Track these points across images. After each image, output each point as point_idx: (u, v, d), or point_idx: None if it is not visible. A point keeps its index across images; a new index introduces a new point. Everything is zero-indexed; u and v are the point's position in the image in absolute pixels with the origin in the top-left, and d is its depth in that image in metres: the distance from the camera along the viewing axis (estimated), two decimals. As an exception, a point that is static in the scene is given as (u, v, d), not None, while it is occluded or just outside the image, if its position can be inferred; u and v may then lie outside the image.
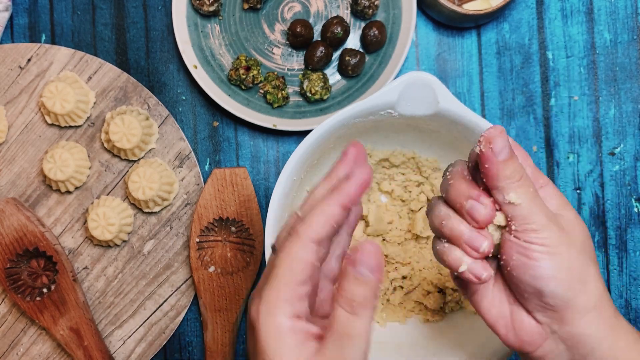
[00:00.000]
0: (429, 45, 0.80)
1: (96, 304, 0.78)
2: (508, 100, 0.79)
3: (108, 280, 0.78)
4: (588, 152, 0.79)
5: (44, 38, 0.81)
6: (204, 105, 0.80)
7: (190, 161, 0.78)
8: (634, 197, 0.79)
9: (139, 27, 0.80)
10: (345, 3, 0.79)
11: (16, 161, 0.78)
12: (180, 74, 0.80)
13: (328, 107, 0.78)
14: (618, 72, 0.79)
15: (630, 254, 0.79)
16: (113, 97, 0.78)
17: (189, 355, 0.80)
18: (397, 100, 0.63)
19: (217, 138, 0.80)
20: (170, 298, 0.78)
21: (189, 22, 0.78)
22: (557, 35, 0.80)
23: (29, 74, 0.78)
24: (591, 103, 0.79)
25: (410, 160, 0.76)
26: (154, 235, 0.78)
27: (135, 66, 0.80)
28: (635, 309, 0.79)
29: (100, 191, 0.78)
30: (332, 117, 0.64)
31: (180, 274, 0.78)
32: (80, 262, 0.78)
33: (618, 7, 0.80)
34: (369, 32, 0.77)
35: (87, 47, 0.80)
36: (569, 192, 0.79)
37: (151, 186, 0.74)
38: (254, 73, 0.77)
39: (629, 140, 0.79)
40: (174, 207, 0.78)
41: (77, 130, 0.78)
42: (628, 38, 0.79)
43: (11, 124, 0.78)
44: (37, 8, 0.80)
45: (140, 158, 0.77)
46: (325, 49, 0.77)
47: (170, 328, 0.78)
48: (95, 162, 0.78)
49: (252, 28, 0.80)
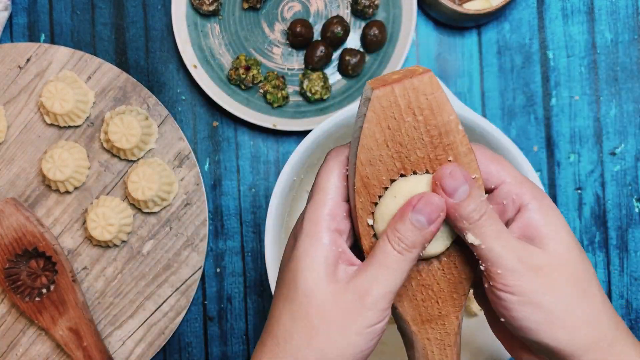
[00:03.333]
0: (430, 45, 0.80)
1: (95, 304, 0.78)
2: (509, 100, 0.79)
3: (107, 280, 0.78)
4: (589, 152, 0.79)
5: (43, 38, 0.80)
6: (204, 105, 0.80)
7: (189, 161, 0.78)
8: (635, 197, 0.79)
9: (139, 27, 0.80)
10: (345, 3, 0.79)
11: (15, 161, 0.78)
12: (179, 74, 0.80)
13: (328, 107, 0.78)
14: (619, 72, 0.79)
15: (631, 254, 0.79)
16: (112, 96, 0.78)
17: (188, 355, 0.79)
18: (398, 100, 0.63)
19: (216, 138, 0.80)
20: (170, 298, 0.78)
21: (188, 21, 0.78)
22: (557, 34, 0.79)
23: (28, 73, 0.78)
24: (592, 103, 0.79)
25: (411, 160, 0.75)
26: (153, 235, 0.78)
27: (135, 66, 0.80)
28: (636, 310, 0.79)
29: (100, 191, 0.78)
30: (332, 117, 0.64)
31: (179, 275, 0.78)
32: (80, 262, 0.78)
33: (619, 7, 0.79)
34: (369, 31, 0.77)
35: (86, 47, 0.80)
36: (570, 192, 0.79)
37: (150, 186, 0.74)
38: (253, 73, 0.77)
39: (630, 140, 0.79)
40: (174, 207, 0.78)
41: (77, 130, 0.78)
42: (629, 38, 0.79)
43: (10, 124, 0.78)
44: (36, 7, 0.80)
45: (139, 158, 0.77)
46: (325, 49, 0.77)
47: (170, 329, 0.78)
48: (94, 162, 0.78)
49: (252, 28, 0.79)
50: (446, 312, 0.44)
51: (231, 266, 0.80)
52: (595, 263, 0.79)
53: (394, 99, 0.40)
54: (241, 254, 0.80)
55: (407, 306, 0.44)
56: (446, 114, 0.41)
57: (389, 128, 0.41)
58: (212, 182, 0.80)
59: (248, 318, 0.80)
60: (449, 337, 0.45)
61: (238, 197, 0.80)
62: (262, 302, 0.80)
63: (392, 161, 0.42)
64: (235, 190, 0.80)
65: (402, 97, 0.40)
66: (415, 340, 0.45)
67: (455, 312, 0.45)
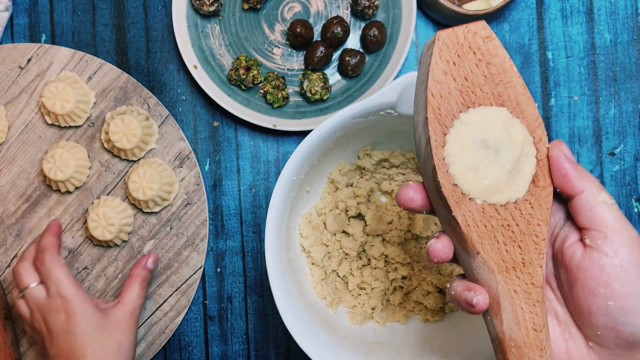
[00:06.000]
0: (429, 46, 0.80)
1: (96, 304, 0.78)
2: (508, 101, 0.79)
3: (108, 280, 0.78)
4: (588, 152, 0.79)
5: (44, 38, 0.81)
6: (204, 105, 0.80)
7: (190, 161, 0.78)
8: (634, 197, 0.79)
9: (139, 27, 0.80)
10: (345, 3, 0.79)
11: (16, 161, 0.78)
12: (180, 74, 0.80)
13: (328, 107, 0.78)
14: (618, 72, 0.79)
15: (630, 254, 0.79)
16: (113, 97, 0.78)
17: (188, 355, 0.80)
18: (397, 100, 0.63)
19: (217, 138, 0.80)
20: (170, 298, 0.78)
21: (189, 22, 0.78)
22: (557, 35, 0.80)
23: (29, 74, 0.78)
24: (591, 103, 0.79)
25: (410, 160, 0.76)
26: (154, 235, 0.78)
27: (136, 66, 0.80)
28: (635, 309, 0.79)
29: (100, 191, 0.78)
30: (332, 117, 0.64)
31: (180, 274, 0.78)
32: (80, 262, 0.78)
33: (618, 7, 0.80)
34: (369, 32, 0.77)
35: (87, 47, 0.80)
36: (569, 192, 0.79)
37: (151, 186, 0.74)
38: (254, 73, 0.77)
39: (629, 140, 0.79)
40: (174, 207, 0.78)
41: (77, 131, 0.78)
42: (628, 38, 0.79)
43: (11, 124, 0.78)
44: (37, 8, 0.80)
45: (140, 158, 0.77)
46: (325, 49, 0.77)
47: (170, 328, 0.78)
48: (95, 162, 0.78)
49: (252, 28, 0.80)
50: (529, 260, 0.45)
51: (231, 266, 0.80)
52: (595, 263, 0.79)
53: (456, 39, 0.45)
54: (241, 254, 0.80)
55: (489, 249, 0.45)
56: (501, 55, 0.45)
57: (454, 64, 0.45)
58: (212, 182, 0.80)
59: (248, 318, 0.80)
60: (536, 291, 0.45)
61: (238, 197, 0.80)
62: (262, 302, 0.80)
63: (459, 95, 0.45)
64: (235, 190, 0.80)
65: (463, 37, 0.45)
66: (503, 296, 0.45)
67: (538, 260, 0.45)
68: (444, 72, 0.45)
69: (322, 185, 0.77)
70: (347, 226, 0.76)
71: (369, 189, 0.76)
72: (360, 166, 0.76)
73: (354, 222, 0.76)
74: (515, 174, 0.45)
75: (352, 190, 0.76)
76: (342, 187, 0.76)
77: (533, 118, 0.45)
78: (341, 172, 0.76)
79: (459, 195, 0.45)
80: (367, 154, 0.75)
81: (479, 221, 0.45)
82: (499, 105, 0.45)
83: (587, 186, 0.43)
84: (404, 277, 0.75)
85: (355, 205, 0.75)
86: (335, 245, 0.76)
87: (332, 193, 0.77)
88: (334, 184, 0.76)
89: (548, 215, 0.45)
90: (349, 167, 0.76)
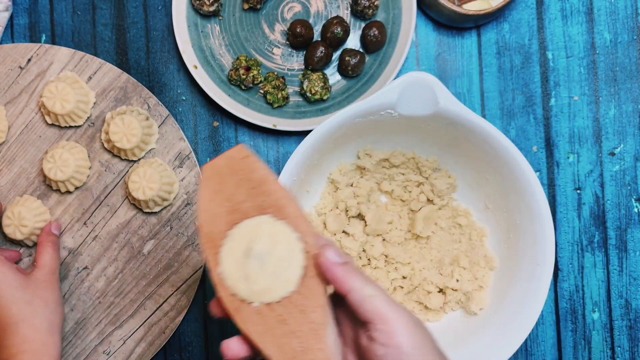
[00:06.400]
0: (429, 46, 0.80)
1: (96, 304, 0.78)
2: (508, 100, 0.79)
3: (108, 280, 0.78)
4: (588, 152, 0.79)
5: (44, 38, 0.81)
6: (204, 105, 0.80)
7: (190, 161, 0.78)
8: (634, 197, 0.79)
9: (139, 27, 0.80)
10: (345, 3, 0.79)
11: (16, 161, 0.78)
12: (180, 74, 0.80)
13: (328, 107, 0.78)
14: (618, 72, 0.79)
15: (630, 254, 0.79)
16: (113, 97, 0.78)
17: (188, 355, 0.80)
18: (397, 100, 0.63)
19: (217, 138, 0.80)
20: (171, 298, 0.78)
21: (189, 22, 0.78)
22: (557, 35, 0.80)
23: (29, 74, 0.78)
24: (591, 103, 0.79)
25: (410, 160, 0.76)
26: (154, 235, 0.78)
27: (136, 66, 0.80)
28: (635, 309, 0.79)
29: (100, 191, 0.78)
30: (332, 117, 0.64)
31: (180, 274, 0.78)
32: (81, 262, 0.78)
33: (618, 7, 0.80)
34: (369, 32, 0.77)
35: (87, 47, 0.80)
36: (569, 192, 0.79)
37: (151, 186, 0.74)
38: (254, 73, 0.77)
39: (629, 140, 0.79)
40: (174, 207, 0.78)
41: (77, 131, 0.78)
42: (628, 38, 0.79)
43: (11, 124, 0.78)
44: (37, 8, 0.81)
45: (140, 158, 0.77)
46: (325, 49, 0.77)
47: (171, 328, 0.78)
48: (95, 162, 0.78)
49: (252, 28, 0.80)
50: (308, 346, 0.48)
51: (231, 266, 0.80)
52: (595, 263, 0.79)
53: (218, 168, 0.52)
54: (241, 254, 0.80)
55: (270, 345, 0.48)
56: (260, 168, 0.51)
57: (218, 191, 0.51)
58: (212, 182, 0.80)
59: (248, 318, 0.80)
60: None
61: (238, 197, 0.80)
62: (263, 302, 0.80)
63: (226, 215, 0.51)
64: (235, 190, 0.80)
65: (224, 164, 0.52)
66: None
67: (318, 344, 0.48)
68: (210, 200, 0.51)
69: (322, 185, 0.77)
70: (347, 226, 0.76)
71: (369, 189, 0.76)
72: (360, 166, 0.76)
73: (354, 222, 0.76)
74: (281, 272, 0.49)
75: (352, 190, 0.76)
76: (342, 187, 0.76)
77: (295, 215, 0.50)
78: (341, 172, 0.76)
79: (238, 302, 0.49)
80: (367, 154, 0.75)
81: (257, 322, 0.48)
82: (262, 214, 0.50)
83: (353, 284, 0.47)
84: (404, 277, 0.76)
85: (355, 205, 0.75)
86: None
87: (332, 193, 0.77)
88: (334, 184, 0.76)
89: (323, 300, 0.48)
90: (349, 167, 0.76)
